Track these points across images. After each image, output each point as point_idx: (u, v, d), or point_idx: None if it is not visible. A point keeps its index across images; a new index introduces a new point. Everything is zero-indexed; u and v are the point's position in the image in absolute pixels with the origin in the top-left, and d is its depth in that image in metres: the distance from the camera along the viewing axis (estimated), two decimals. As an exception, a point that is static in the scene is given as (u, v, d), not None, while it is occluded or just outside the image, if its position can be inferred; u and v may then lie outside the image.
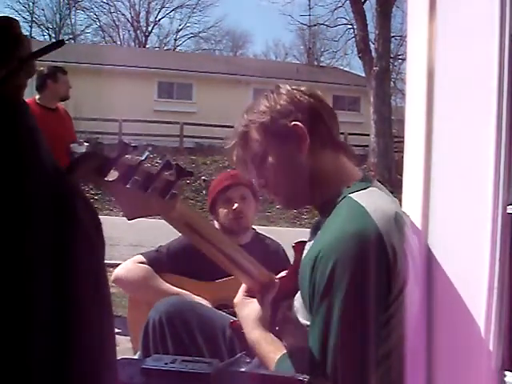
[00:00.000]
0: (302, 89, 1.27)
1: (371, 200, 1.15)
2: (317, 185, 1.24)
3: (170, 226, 1.10)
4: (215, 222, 2.14)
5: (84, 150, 1.15)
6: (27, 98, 4.07)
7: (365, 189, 1.19)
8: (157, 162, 1.00)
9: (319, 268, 1.09)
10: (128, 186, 0.95)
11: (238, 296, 1.33)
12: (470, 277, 1.09)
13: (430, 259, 1.16)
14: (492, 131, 1.06)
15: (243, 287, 1.33)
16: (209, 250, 1.22)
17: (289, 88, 1.27)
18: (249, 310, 1.29)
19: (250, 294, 1.32)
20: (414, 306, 1.13)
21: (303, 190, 1.25)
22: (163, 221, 1.08)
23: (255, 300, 1.30)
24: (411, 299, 1.11)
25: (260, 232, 2.25)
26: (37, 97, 3.97)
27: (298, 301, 1.21)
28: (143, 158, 0.97)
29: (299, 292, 1.19)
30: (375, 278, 1.07)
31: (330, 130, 1.26)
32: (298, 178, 1.24)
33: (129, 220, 1.02)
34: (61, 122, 4.01)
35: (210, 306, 1.86)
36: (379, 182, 1.32)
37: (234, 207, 2.07)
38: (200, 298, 1.95)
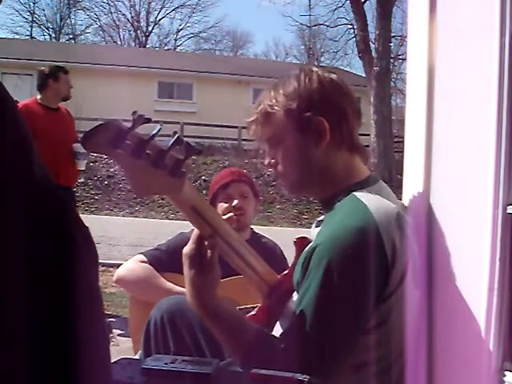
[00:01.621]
0: (333, 77, 1.24)
1: (374, 198, 1.15)
2: (325, 180, 1.24)
3: (170, 226, 1.09)
4: None
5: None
6: (28, 99, 4.07)
7: (369, 188, 1.20)
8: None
9: (315, 258, 1.10)
10: (139, 160, 0.94)
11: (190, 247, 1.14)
12: (470, 277, 1.09)
13: (430, 259, 1.16)
14: (492, 131, 1.06)
15: (195, 233, 1.14)
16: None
17: (320, 74, 1.23)
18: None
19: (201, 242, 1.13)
20: (414, 305, 1.13)
21: (311, 182, 1.26)
22: (163, 221, 1.08)
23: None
24: (411, 299, 1.11)
25: (256, 231, 2.25)
26: (38, 97, 3.95)
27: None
28: (155, 132, 0.97)
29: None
30: (371, 274, 1.07)
31: (351, 131, 1.24)
32: (308, 170, 1.24)
33: (138, 197, 1.01)
34: (62, 122, 3.99)
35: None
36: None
37: (233, 203, 2.07)
38: None
